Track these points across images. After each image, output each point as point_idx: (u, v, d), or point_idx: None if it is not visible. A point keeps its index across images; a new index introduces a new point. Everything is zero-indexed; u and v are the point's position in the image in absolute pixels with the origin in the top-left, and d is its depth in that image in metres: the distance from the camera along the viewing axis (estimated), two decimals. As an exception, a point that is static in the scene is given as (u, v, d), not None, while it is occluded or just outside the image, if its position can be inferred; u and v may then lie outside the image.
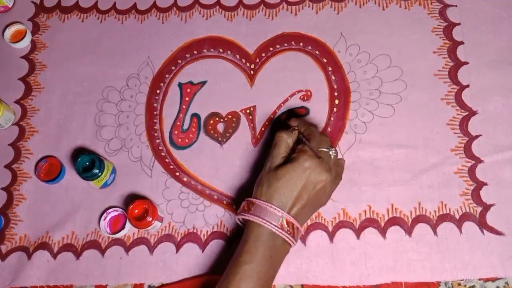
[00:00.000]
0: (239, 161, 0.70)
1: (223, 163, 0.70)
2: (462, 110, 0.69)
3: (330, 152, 0.60)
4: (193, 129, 0.72)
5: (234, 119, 0.72)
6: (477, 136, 0.68)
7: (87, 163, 0.67)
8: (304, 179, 0.56)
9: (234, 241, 0.65)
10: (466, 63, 0.72)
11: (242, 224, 0.60)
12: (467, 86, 0.70)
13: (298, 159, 0.56)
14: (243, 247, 0.55)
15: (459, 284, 0.62)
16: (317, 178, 0.56)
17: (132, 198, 0.68)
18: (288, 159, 0.58)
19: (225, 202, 0.68)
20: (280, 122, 0.71)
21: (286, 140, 0.60)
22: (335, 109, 0.71)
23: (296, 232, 0.56)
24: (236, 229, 0.66)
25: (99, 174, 0.66)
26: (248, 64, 0.75)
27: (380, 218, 0.65)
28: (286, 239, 0.55)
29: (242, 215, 0.57)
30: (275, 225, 0.54)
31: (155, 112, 0.74)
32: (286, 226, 0.55)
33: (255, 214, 0.55)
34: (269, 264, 0.54)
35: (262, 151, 0.70)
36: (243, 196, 0.67)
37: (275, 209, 0.55)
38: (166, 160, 0.71)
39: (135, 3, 0.81)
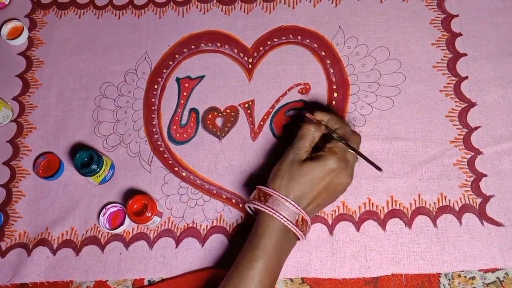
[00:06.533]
0: (238, 155, 0.70)
1: (221, 157, 0.70)
2: (461, 102, 0.69)
3: (357, 155, 0.58)
4: (192, 124, 0.72)
5: (232, 113, 0.72)
6: (476, 128, 0.67)
7: (86, 159, 0.66)
8: (328, 180, 0.55)
9: (234, 235, 0.66)
10: (464, 54, 0.71)
11: (252, 212, 0.59)
12: (466, 77, 0.70)
13: (326, 159, 0.55)
14: (257, 241, 0.54)
15: (459, 276, 0.62)
16: (340, 181, 0.56)
17: (131, 194, 0.68)
18: (314, 155, 0.56)
19: (224, 196, 0.68)
20: (299, 116, 0.70)
21: (313, 134, 0.58)
22: (333, 102, 0.71)
23: (307, 228, 0.56)
24: (236, 223, 0.66)
25: (98, 170, 0.66)
26: (246, 58, 0.75)
27: (380, 210, 0.65)
28: (298, 234, 0.55)
29: (257, 205, 0.55)
30: (290, 222, 0.54)
31: (153, 107, 0.74)
32: (300, 223, 0.55)
33: (272, 208, 0.54)
34: (280, 258, 0.55)
35: (261, 145, 0.70)
36: (242, 190, 0.68)
37: (294, 205, 0.54)
38: (165, 155, 0.71)
39: (132, -2, 0.81)
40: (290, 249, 0.56)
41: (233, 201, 0.67)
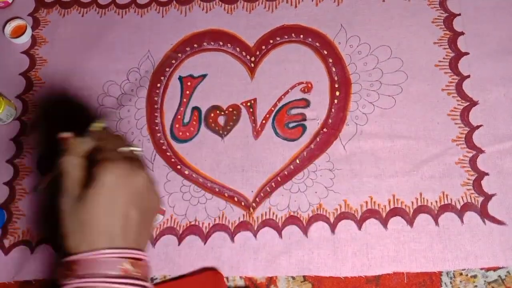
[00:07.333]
0: (240, 153, 0.70)
1: (224, 156, 0.70)
2: (463, 101, 0.69)
3: (133, 148, 0.48)
4: (194, 122, 0.72)
5: (234, 112, 0.72)
6: (478, 127, 0.68)
7: (89, 157, 0.67)
8: (122, 191, 0.43)
9: (236, 233, 0.66)
10: (466, 53, 0.71)
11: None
12: (468, 76, 0.70)
13: (100, 173, 0.42)
14: None
15: (461, 274, 0.62)
16: (135, 181, 0.44)
17: (134, 192, 0.68)
18: (88, 182, 0.43)
19: (226, 194, 0.68)
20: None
21: (75, 162, 0.45)
22: (336, 101, 0.71)
23: (147, 270, 0.44)
24: (238, 221, 0.66)
25: (101, 167, 0.66)
26: (248, 57, 0.75)
27: (382, 209, 0.65)
28: (137, 282, 0.42)
29: (69, 284, 0.41)
30: (116, 275, 0.41)
31: (155, 106, 0.74)
32: (131, 268, 0.42)
33: (84, 275, 0.40)
34: None
35: (263, 144, 0.70)
36: (244, 188, 0.68)
37: (108, 254, 0.41)
38: (168, 153, 0.71)
39: (134, -3, 0.81)
40: None
41: (235, 199, 0.68)
